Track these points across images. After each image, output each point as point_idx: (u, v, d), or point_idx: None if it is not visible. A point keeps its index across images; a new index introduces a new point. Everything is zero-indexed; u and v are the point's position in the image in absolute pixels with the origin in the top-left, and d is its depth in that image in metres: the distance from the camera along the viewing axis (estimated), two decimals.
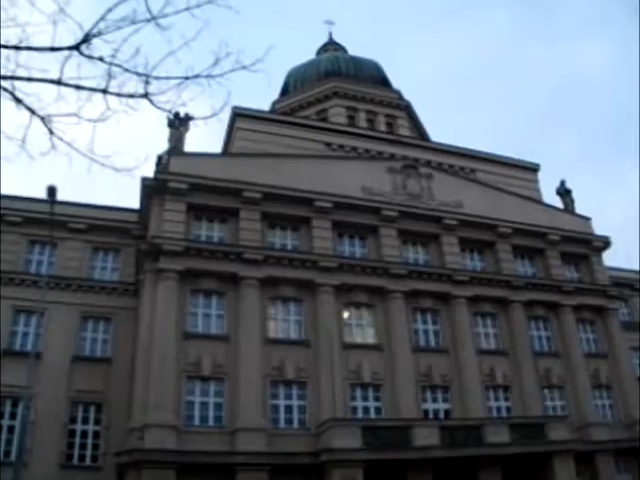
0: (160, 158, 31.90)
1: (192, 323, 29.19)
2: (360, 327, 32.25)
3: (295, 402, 29.15)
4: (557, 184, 42.60)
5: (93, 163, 9.77)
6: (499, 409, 33.35)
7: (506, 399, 33.69)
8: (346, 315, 32.03)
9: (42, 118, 9.47)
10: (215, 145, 57.91)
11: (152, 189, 30.47)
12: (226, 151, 35.46)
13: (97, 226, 33.33)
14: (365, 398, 30.57)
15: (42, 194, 22.92)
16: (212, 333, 29.26)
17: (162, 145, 36.73)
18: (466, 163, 40.04)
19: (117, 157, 9.77)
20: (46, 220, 25.41)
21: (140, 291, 30.54)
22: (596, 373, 36.56)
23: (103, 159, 9.76)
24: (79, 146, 9.70)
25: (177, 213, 30.08)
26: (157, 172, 30.60)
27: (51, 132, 9.57)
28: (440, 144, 40.02)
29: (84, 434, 29.87)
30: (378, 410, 30.48)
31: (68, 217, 32.25)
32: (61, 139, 9.61)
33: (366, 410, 30.36)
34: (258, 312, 29.57)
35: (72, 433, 29.65)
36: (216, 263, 29.71)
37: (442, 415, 31.67)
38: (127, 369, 29.95)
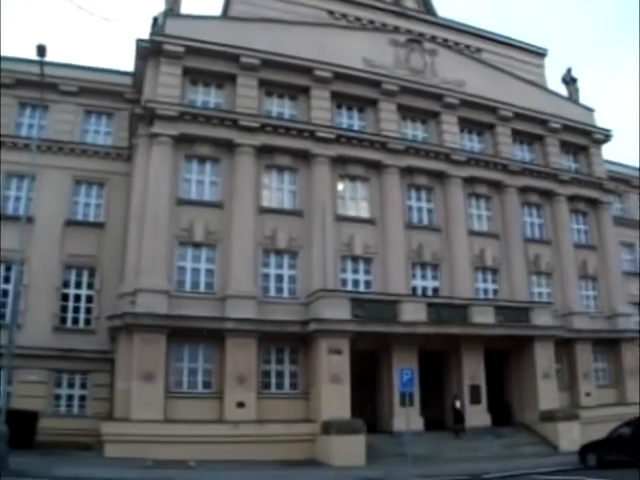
0: (156, 20, 30.83)
1: (185, 189, 28.92)
2: (354, 200, 32.13)
3: (286, 271, 29.42)
4: (563, 72, 41.60)
5: (81, 11, 9.18)
6: (486, 291, 33.88)
7: (494, 282, 34.19)
8: (340, 187, 31.83)
9: None
10: (214, 10, 55.99)
11: (147, 51, 29.43)
12: (225, 15, 34.10)
13: (89, 89, 32.40)
14: (355, 271, 30.90)
15: (33, 56, 22.19)
16: (205, 200, 29.08)
17: (157, 6, 35.60)
18: (472, 42, 38.59)
19: (104, 8, 9.17)
20: (37, 81, 24.75)
21: (133, 156, 30.15)
22: (584, 264, 37.12)
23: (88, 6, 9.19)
24: None
25: (172, 77, 29.18)
26: (152, 34, 29.54)
27: None
28: (447, 20, 38.43)
29: (77, 298, 30.43)
30: (368, 283, 30.87)
31: (59, 79, 31.37)
32: None
33: (356, 283, 30.73)
34: (252, 180, 29.31)
35: (65, 297, 30.15)
36: (211, 129, 29.13)
37: (430, 292, 32.19)
38: (120, 234, 30.02)
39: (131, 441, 23.01)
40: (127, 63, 65.96)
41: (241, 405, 25.74)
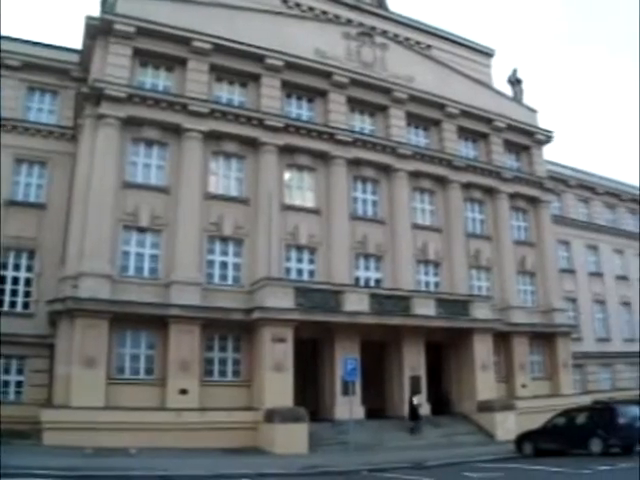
0: None
1: (132, 172, 28.48)
2: (300, 190, 32.27)
3: (231, 259, 29.37)
4: (509, 72, 42.46)
5: None
6: (428, 283, 34.54)
7: (435, 274, 34.89)
8: (287, 176, 31.91)
9: None
10: None
11: (96, 30, 28.69)
12: None
13: (34, 64, 31.28)
14: (300, 260, 31.10)
15: None
16: (152, 184, 28.68)
17: None
18: (422, 38, 39.29)
19: None
20: None
21: (79, 136, 29.55)
22: (523, 260, 38.15)
23: None
24: None
25: (122, 57, 28.61)
26: (103, 12, 28.80)
27: None
28: (398, 15, 38.89)
29: (15, 281, 29.56)
30: (312, 273, 31.12)
31: (2, 52, 30.38)
32: None
33: (300, 272, 30.94)
34: (199, 166, 29.08)
35: (2, 280, 29.28)
36: (160, 112, 28.72)
37: (373, 283, 32.60)
38: (62, 216, 29.41)
39: (71, 428, 22.59)
40: (75, 40, 63.97)
41: (184, 392, 25.60)
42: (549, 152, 68.50)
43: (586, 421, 22.28)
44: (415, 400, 28.51)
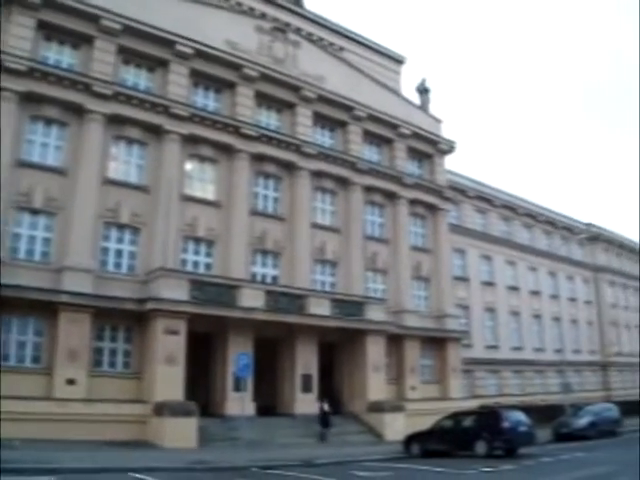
0: None
1: (28, 151, 27.10)
2: (202, 181, 31.84)
3: (126, 247, 28.66)
4: (419, 81, 43.34)
5: None
6: (324, 283, 34.88)
7: (332, 275, 35.28)
8: (189, 167, 31.39)
9: None
10: None
11: None
12: None
13: None
14: (197, 252, 30.75)
15: None
16: (48, 164, 27.42)
17: None
18: (336, 40, 39.82)
19: None
20: None
21: None
22: (418, 265, 39.04)
23: None
24: None
25: (25, 29, 27.17)
26: None
27: None
28: (314, 14, 39.23)
29: None
30: (208, 266, 30.80)
31: None
32: None
33: (196, 265, 30.58)
34: (100, 149, 28.10)
35: None
36: (62, 91, 27.52)
37: (269, 280, 32.60)
38: None
39: None
40: None
41: (71, 382, 24.70)
42: (451, 162, 70.64)
43: (472, 424, 23.15)
44: (325, 407, 28.59)
